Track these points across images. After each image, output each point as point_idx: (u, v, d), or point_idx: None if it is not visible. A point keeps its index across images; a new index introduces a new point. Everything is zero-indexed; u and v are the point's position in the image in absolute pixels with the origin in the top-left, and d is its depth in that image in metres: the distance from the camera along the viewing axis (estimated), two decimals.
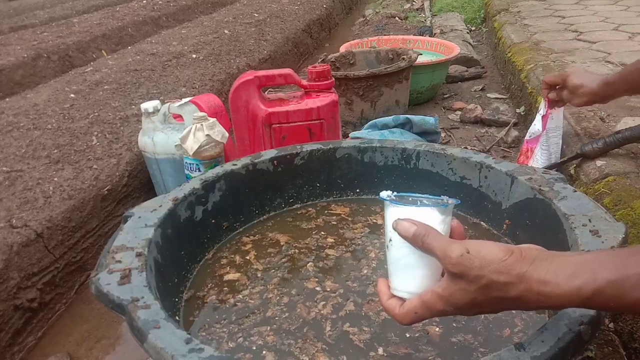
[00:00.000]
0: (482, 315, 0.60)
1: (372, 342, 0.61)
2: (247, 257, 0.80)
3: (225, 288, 0.74)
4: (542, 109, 1.11)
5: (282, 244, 0.82)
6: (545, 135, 1.10)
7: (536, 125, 1.13)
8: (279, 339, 0.63)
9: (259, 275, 0.76)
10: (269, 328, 0.65)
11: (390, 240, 0.48)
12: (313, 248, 0.81)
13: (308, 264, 0.77)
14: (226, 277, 0.76)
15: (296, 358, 0.60)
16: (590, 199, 0.65)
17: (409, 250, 0.46)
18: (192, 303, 0.71)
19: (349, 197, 0.93)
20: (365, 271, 0.73)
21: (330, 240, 0.82)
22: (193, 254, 0.77)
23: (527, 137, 1.17)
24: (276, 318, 0.67)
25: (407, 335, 0.60)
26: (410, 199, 0.50)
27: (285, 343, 0.62)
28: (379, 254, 0.77)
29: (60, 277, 1.02)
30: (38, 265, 0.96)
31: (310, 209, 0.91)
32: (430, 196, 0.51)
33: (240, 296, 0.72)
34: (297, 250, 0.80)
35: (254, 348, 0.62)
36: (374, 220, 0.85)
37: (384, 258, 0.75)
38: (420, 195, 0.51)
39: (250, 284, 0.74)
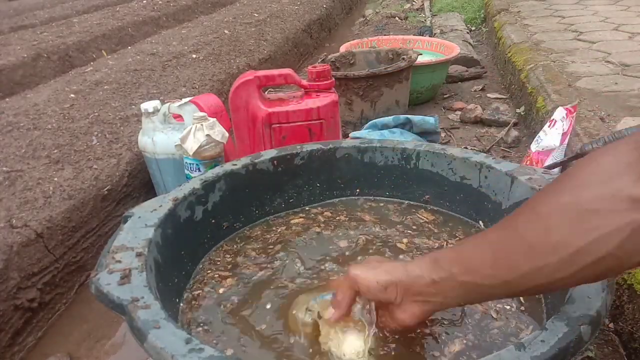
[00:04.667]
0: None
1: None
2: (322, 218, 0.89)
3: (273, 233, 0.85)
4: (564, 124, 1.09)
5: (366, 220, 0.86)
6: (562, 149, 1.09)
7: (550, 138, 1.10)
8: (256, 271, 0.75)
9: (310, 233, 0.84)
10: (260, 268, 0.76)
11: None
12: (378, 238, 0.82)
13: (341, 241, 0.80)
14: (293, 221, 0.88)
15: (243, 296, 0.70)
16: None
17: None
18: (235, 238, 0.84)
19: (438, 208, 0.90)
20: None
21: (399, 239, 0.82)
22: (193, 254, 0.77)
23: (537, 148, 1.15)
24: (276, 262, 0.77)
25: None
26: None
27: (256, 275, 0.74)
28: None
29: (60, 277, 1.02)
30: (38, 265, 0.96)
31: (396, 204, 0.92)
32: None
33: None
34: (362, 234, 0.83)
35: (236, 270, 0.76)
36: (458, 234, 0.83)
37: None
38: None
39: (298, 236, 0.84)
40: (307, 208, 0.92)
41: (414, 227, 0.84)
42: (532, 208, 0.42)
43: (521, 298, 0.65)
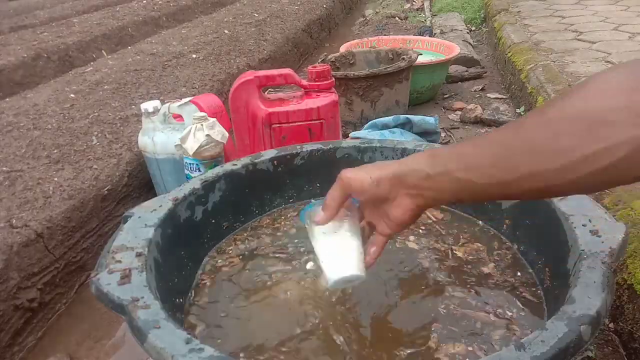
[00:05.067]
0: None
1: None
2: None
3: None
4: None
5: None
6: None
7: None
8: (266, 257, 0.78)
9: None
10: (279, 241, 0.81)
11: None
12: None
13: None
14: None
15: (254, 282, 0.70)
16: (590, 199, 0.65)
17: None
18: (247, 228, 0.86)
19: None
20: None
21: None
22: (193, 254, 0.77)
23: None
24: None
25: None
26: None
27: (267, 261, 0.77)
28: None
29: (60, 277, 1.02)
30: (38, 265, 0.96)
31: None
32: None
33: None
34: None
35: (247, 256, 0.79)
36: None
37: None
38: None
39: None
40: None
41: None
42: (542, 112, 0.41)
43: (519, 303, 0.65)
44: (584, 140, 0.37)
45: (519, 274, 0.70)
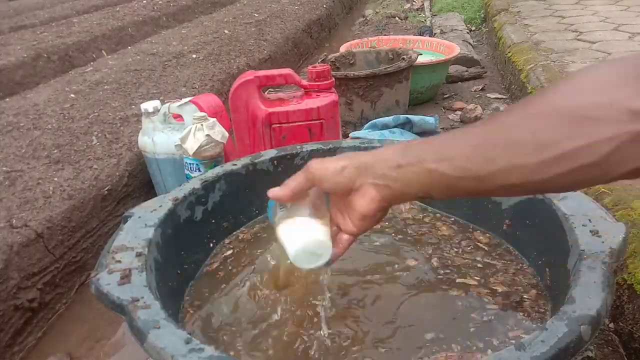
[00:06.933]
0: None
1: None
2: None
3: None
4: None
5: None
6: None
7: None
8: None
9: None
10: None
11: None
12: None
13: None
14: None
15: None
16: (590, 199, 0.65)
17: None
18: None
19: None
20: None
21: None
22: (193, 253, 0.77)
23: None
24: None
25: None
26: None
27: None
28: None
29: (60, 277, 1.02)
30: (38, 265, 0.96)
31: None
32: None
33: None
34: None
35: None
36: None
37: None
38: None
39: None
40: None
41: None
42: (523, 107, 0.40)
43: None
44: (566, 137, 0.36)
45: (520, 276, 0.70)
